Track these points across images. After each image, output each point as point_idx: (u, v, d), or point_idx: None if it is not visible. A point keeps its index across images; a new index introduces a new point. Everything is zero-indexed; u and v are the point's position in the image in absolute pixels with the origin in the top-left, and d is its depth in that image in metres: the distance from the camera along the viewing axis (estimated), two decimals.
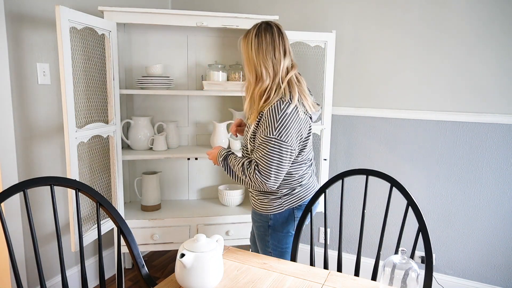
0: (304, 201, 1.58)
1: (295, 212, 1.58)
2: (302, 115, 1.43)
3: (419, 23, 2.18)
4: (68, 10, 1.68)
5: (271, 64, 1.41)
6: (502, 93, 2.06)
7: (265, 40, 1.40)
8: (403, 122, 2.29)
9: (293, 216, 1.58)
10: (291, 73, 1.44)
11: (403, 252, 1.04)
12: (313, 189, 1.62)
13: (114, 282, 2.45)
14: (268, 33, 1.41)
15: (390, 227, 2.36)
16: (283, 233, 1.58)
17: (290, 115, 1.38)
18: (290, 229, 1.59)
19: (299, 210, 1.59)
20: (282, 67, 1.42)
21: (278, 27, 1.45)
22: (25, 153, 1.93)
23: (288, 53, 1.45)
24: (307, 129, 1.47)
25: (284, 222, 1.57)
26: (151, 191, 2.42)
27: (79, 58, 1.99)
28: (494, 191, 2.14)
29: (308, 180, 1.59)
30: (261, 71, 1.41)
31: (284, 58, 1.43)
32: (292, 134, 1.38)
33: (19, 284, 1.12)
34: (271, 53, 1.40)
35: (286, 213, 1.56)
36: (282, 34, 1.44)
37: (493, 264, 2.19)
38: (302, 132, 1.44)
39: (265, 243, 1.62)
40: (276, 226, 1.57)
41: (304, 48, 2.34)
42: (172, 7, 2.81)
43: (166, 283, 1.18)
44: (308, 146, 1.53)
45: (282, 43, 1.43)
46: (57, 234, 1.24)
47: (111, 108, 2.06)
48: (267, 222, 1.58)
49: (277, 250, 1.61)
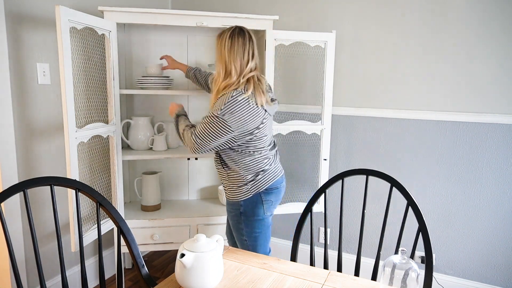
0: (269, 184, 1.72)
1: (263, 196, 1.72)
2: (254, 105, 1.58)
3: (419, 23, 2.18)
4: (68, 10, 1.68)
5: (239, 64, 1.62)
6: (502, 93, 2.06)
7: (237, 43, 1.61)
8: (403, 122, 2.29)
9: (261, 200, 1.72)
10: (253, 73, 1.64)
11: (403, 252, 1.04)
12: (277, 173, 1.76)
13: (114, 282, 2.45)
14: (241, 37, 1.63)
15: (390, 227, 2.36)
16: (255, 218, 1.73)
17: (239, 102, 1.55)
18: (261, 213, 1.74)
19: (267, 194, 1.73)
20: (248, 67, 1.63)
21: (249, 33, 1.66)
22: (25, 153, 1.93)
23: (255, 57, 1.66)
24: (260, 118, 1.62)
25: (254, 207, 1.72)
26: (151, 191, 2.42)
27: (79, 58, 1.99)
28: (494, 191, 2.14)
29: (271, 165, 1.73)
30: (230, 68, 1.62)
31: (251, 60, 1.64)
32: (236, 118, 1.55)
33: (19, 284, 1.12)
34: (241, 54, 1.62)
35: (255, 198, 1.71)
36: (252, 40, 1.65)
37: (493, 264, 2.20)
38: (252, 120, 1.59)
39: (240, 232, 1.78)
40: (247, 212, 1.73)
41: (304, 48, 2.34)
42: (172, 7, 2.81)
43: (166, 283, 1.18)
44: (265, 134, 1.68)
45: (251, 48, 1.64)
46: (57, 234, 1.24)
47: (111, 108, 2.06)
48: (239, 209, 1.74)
49: (251, 236, 1.76)
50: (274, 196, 1.76)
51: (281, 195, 1.80)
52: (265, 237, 1.80)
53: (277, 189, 1.76)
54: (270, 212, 1.78)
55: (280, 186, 1.78)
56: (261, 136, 1.66)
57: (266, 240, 1.81)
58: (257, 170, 1.70)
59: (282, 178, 1.80)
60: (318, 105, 2.36)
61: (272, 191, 1.74)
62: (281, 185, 1.78)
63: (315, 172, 2.49)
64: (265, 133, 1.68)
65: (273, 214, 1.82)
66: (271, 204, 1.76)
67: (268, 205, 1.75)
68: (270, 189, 1.73)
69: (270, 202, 1.75)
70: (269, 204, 1.75)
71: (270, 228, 1.83)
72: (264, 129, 1.67)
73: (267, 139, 1.71)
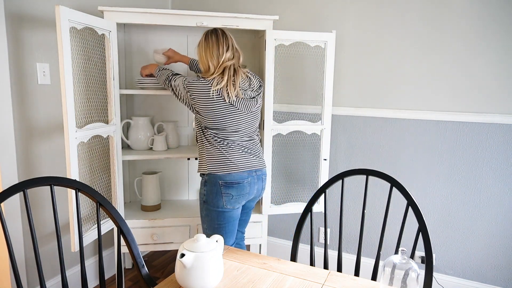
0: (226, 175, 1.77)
1: (222, 188, 1.77)
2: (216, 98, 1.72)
3: (419, 23, 2.18)
4: (68, 10, 1.68)
5: (215, 57, 1.77)
6: (502, 93, 2.06)
7: (211, 41, 1.79)
8: (403, 122, 2.29)
9: (221, 192, 1.78)
10: (230, 62, 1.78)
11: (403, 252, 1.04)
12: (241, 167, 1.79)
13: (114, 282, 2.45)
14: (214, 35, 1.80)
15: (390, 227, 2.36)
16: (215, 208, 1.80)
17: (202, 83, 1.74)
18: (220, 205, 1.79)
19: (226, 187, 1.77)
20: (224, 57, 1.78)
21: (222, 30, 1.82)
22: (25, 153, 1.93)
23: (231, 48, 1.80)
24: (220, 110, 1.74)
25: (214, 197, 1.79)
26: (151, 191, 2.42)
27: (79, 58, 1.99)
28: (494, 191, 2.14)
29: (233, 156, 1.79)
30: (208, 64, 1.78)
31: (227, 51, 1.78)
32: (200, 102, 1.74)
33: (19, 284, 1.12)
34: (216, 50, 1.78)
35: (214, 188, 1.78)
36: (226, 35, 1.81)
37: (493, 264, 2.20)
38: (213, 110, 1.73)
39: (202, 219, 1.89)
40: (208, 201, 1.81)
41: (304, 48, 2.34)
42: (172, 7, 2.81)
43: (166, 283, 1.18)
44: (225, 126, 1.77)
45: (226, 42, 1.79)
46: (57, 234, 1.24)
47: (111, 108, 2.06)
48: (203, 198, 1.84)
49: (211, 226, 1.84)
50: (235, 190, 1.78)
51: (245, 191, 1.81)
52: (225, 231, 1.83)
53: (238, 184, 1.78)
54: (232, 206, 1.80)
55: (244, 182, 1.79)
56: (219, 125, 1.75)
57: (226, 233, 1.84)
58: (216, 154, 1.78)
59: (250, 175, 1.82)
60: (318, 105, 2.36)
61: (233, 185, 1.78)
62: (244, 181, 1.80)
63: (315, 172, 2.49)
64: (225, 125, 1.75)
65: (237, 208, 1.84)
66: (232, 198, 1.78)
67: (228, 198, 1.78)
68: (230, 183, 1.77)
69: (230, 195, 1.78)
70: (229, 198, 1.78)
71: (233, 222, 1.85)
72: (225, 121, 1.75)
73: (230, 132, 1.77)
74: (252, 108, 1.82)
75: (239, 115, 1.78)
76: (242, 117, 1.79)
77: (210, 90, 1.71)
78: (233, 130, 1.79)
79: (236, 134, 1.80)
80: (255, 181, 1.85)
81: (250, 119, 1.82)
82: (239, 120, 1.78)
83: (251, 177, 1.83)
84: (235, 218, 1.86)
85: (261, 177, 1.88)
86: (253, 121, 1.85)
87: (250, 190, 1.84)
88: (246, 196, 1.84)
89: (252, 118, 1.83)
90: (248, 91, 1.81)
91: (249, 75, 1.86)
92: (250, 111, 1.81)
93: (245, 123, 1.81)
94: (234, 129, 1.79)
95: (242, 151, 1.81)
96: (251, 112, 1.82)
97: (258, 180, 1.87)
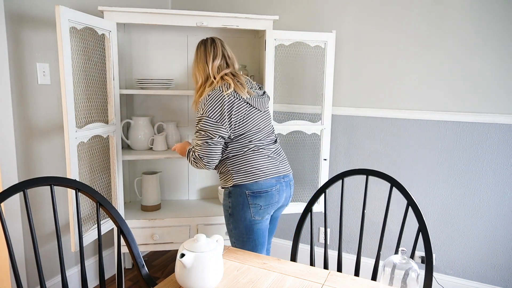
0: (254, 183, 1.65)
1: (249, 199, 1.65)
2: (232, 98, 1.64)
3: (419, 23, 2.18)
4: (68, 10, 1.68)
5: (202, 68, 1.74)
6: (502, 93, 2.06)
7: (199, 52, 1.77)
8: (403, 122, 2.29)
9: (248, 202, 1.66)
10: (224, 71, 1.73)
11: (403, 252, 1.04)
12: (268, 174, 1.67)
13: (114, 282, 2.45)
14: (202, 45, 1.77)
15: (390, 227, 2.36)
16: (242, 221, 1.68)
17: (215, 98, 1.63)
18: (248, 217, 1.67)
19: (254, 197, 1.65)
20: (211, 67, 1.73)
21: (212, 39, 1.78)
22: (25, 153, 1.93)
23: (219, 57, 1.74)
24: (237, 108, 1.65)
25: (241, 209, 1.67)
26: (151, 191, 2.42)
27: (79, 58, 2.00)
28: (494, 191, 2.14)
29: (258, 162, 1.67)
30: (197, 76, 1.77)
31: (214, 61, 1.73)
32: (215, 111, 1.61)
33: (19, 284, 1.12)
34: (203, 60, 1.74)
35: (241, 199, 1.66)
36: (214, 43, 1.76)
37: (493, 264, 2.20)
38: (229, 110, 1.63)
39: (230, 233, 1.77)
40: (234, 214, 1.69)
41: (304, 48, 2.35)
42: (172, 7, 2.81)
43: (166, 283, 1.18)
44: (249, 128, 1.68)
45: (214, 50, 1.75)
46: (57, 234, 1.24)
47: (111, 108, 2.06)
48: (228, 211, 1.72)
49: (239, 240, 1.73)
50: (264, 200, 1.66)
51: (273, 200, 1.69)
52: (256, 244, 1.72)
53: (266, 192, 1.65)
54: (260, 217, 1.68)
55: (272, 190, 1.67)
56: (242, 129, 1.66)
57: (256, 247, 1.72)
58: (242, 163, 1.67)
59: (278, 182, 1.70)
60: (318, 105, 2.36)
61: (261, 194, 1.65)
62: (273, 189, 1.67)
63: (315, 172, 2.49)
64: (248, 126, 1.67)
65: (266, 219, 1.72)
66: (260, 209, 1.66)
67: (256, 209, 1.66)
68: (258, 192, 1.65)
69: (258, 206, 1.66)
70: (257, 208, 1.66)
71: (262, 234, 1.73)
72: (247, 122, 1.67)
73: (253, 133, 1.69)
74: (265, 105, 1.78)
75: (257, 114, 1.71)
76: (259, 115, 1.73)
77: (223, 95, 1.62)
78: (255, 131, 1.69)
79: (258, 135, 1.70)
80: (283, 188, 1.72)
81: (266, 117, 1.77)
82: (258, 119, 1.71)
83: (279, 184, 1.69)
84: (264, 229, 1.73)
85: (289, 183, 1.76)
86: (268, 119, 1.79)
87: (279, 198, 1.71)
88: (275, 205, 1.71)
89: (267, 116, 1.79)
90: (254, 89, 1.77)
91: (248, 78, 1.83)
92: (265, 109, 1.77)
93: (263, 122, 1.74)
94: (256, 130, 1.70)
95: (267, 156, 1.70)
96: (265, 110, 1.78)
97: (287, 187, 1.74)
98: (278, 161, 1.74)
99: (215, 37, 1.81)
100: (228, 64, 1.77)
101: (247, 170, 1.66)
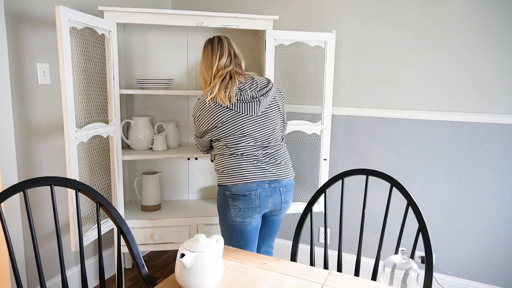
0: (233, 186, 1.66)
1: (230, 200, 1.69)
2: (212, 105, 1.67)
3: (419, 23, 2.18)
4: (68, 10, 1.68)
5: (210, 67, 1.74)
6: (502, 93, 2.06)
7: (206, 51, 1.76)
8: (403, 122, 2.29)
9: (228, 203, 1.69)
10: (227, 69, 1.72)
11: (403, 252, 1.04)
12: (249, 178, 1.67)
13: (114, 282, 2.45)
14: (209, 44, 1.76)
15: (390, 227, 2.36)
16: (225, 220, 1.74)
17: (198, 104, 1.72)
18: (229, 217, 1.71)
19: (233, 199, 1.67)
20: (219, 65, 1.72)
21: (219, 38, 1.77)
22: (25, 153, 1.93)
23: (226, 55, 1.74)
24: (216, 114, 1.67)
25: (223, 208, 1.72)
26: (151, 191, 2.42)
27: (79, 58, 1.99)
28: (494, 191, 2.14)
29: (239, 166, 1.68)
30: (204, 76, 1.78)
31: (219, 60, 1.72)
32: (200, 117, 1.72)
33: (19, 284, 1.12)
34: (211, 59, 1.74)
35: (224, 199, 1.70)
36: (221, 42, 1.75)
37: (493, 264, 2.20)
38: (209, 118, 1.68)
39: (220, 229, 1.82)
40: (220, 212, 1.76)
41: (304, 48, 2.35)
42: (172, 7, 2.81)
43: (166, 283, 1.18)
44: (231, 133, 1.68)
45: (220, 49, 1.74)
46: (57, 234, 1.24)
47: (111, 108, 2.06)
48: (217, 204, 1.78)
49: (225, 237, 1.77)
50: (242, 203, 1.65)
51: (253, 204, 1.66)
52: (240, 244, 1.72)
53: (244, 196, 1.64)
54: (241, 219, 1.68)
55: (250, 194, 1.65)
56: (223, 134, 1.69)
57: (241, 247, 1.72)
58: (225, 164, 1.71)
59: (260, 187, 1.66)
60: (318, 105, 2.36)
61: (239, 197, 1.65)
62: (252, 193, 1.65)
63: (315, 172, 2.49)
64: (230, 132, 1.67)
65: (248, 222, 1.70)
66: (239, 211, 1.66)
67: (236, 211, 1.67)
68: (236, 195, 1.66)
69: (237, 208, 1.66)
70: (236, 210, 1.66)
71: (246, 235, 1.72)
72: (228, 128, 1.67)
73: (236, 138, 1.68)
74: (256, 109, 1.67)
75: (242, 118, 1.66)
76: (246, 120, 1.66)
77: (206, 101, 1.68)
78: (240, 136, 1.67)
79: (244, 140, 1.67)
80: (268, 194, 1.68)
81: (259, 122, 1.68)
82: (243, 124, 1.66)
83: (261, 189, 1.66)
84: (249, 231, 1.72)
85: (278, 189, 1.70)
86: (264, 124, 1.69)
87: (261, 203, 1.68)
88: (256, 210, 1.68)
89: (261, 121, 1.69)
90: (248, 92, 1.68)
91: (254, 77, 1.75)
92: (256, 113, 1.68)
93: (253, 127, 1.67)
94: (240, 134, 1.67)
95: (253, 160, 1.68)
96: (259, 115, 1.68)
97: (275, 192, 1.70)
98: (268, 166, 1.69)
99: (222, 35, 1.80)
100: (234, 63, 1.76)
101: (228, 172, 1.69)
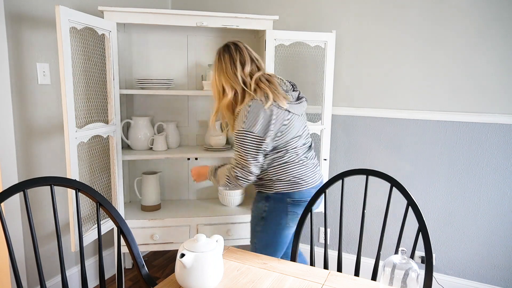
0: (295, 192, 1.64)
1: (289, 207, 1.66)
2: (275, 109, 1.56)
3: (419, 23, 2.18)
4: (68, 10, 1.68)
5: (233, 77, 1.60)
6: (502, 93, 2.06)
7: (224, 61, 1.62)
8: (403, 122, 2.29)
9: (286, 210, 1.66)
10: (256, 75, 1.61)
11: (403, 252, 1.04)
12: (309, 182, 1.67)
13: (114, 282, 2.45)
14: (227, 53, 1.63)
15: (390, 227, 2.36)
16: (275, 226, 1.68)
17: (257, 110, 1.54)
18: (283, 223, 1.67)
19: (294, 205, 1.65)
20: (242, 76, 1.60)
21: (235, 44, 1.65)
22: (25, 153, 1.93)
23: (248, 62, 1.63)
24: (281, 119, 1.58)
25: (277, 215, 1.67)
26: (151, 191, 2.42)
27: (79, 58, 2.00)
28: (494, 191, 2.14)
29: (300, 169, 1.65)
30: (224, 87, 1.62)
31: (244, 68, 1.61)
32: (258, 125, 1.53)
33: (19, 284, 1.12)
34: (232, 68, 1.61)
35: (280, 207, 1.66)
36: (240, 49, 1.64)
37: (493, 264, 2.20)
38: (275, 123, 1.56)
39: (254, 234, 1.75)
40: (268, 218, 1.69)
41: (304, 48, 2.34)
42: (172, 7, 2.81)
43: (166, 283, 1.18)
44: (291, 137, 1.62)
45: (241, 56, 1.62)
46: (57, 234, 1.24)
47: (111, 108, 2.06)
48: (261, 214, 1.70)
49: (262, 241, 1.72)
50: (301, 208, 1.65)
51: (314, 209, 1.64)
52: (277, 249, 1.71)
53: (306, 201, 1.62)
54: (294, 224, 1.67)
55: (309, 199, 1.62)
56: (285, 139, 1.61)
57: (276, 251, 1.72)
58: (285, 172, 1.64)
59: (316, 188, 1.66)
60: (318, 105, 2.36)
61: (300, 203, 1.64)
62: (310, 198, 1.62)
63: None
64: (289, 134, 1.62)
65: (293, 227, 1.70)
66: (297, 217, 1.66)
67: (293, 217, 1.66)
68: (298, 201, 1.64)
69: (295, 214, 1.66)
70: (294, 216, 1.66)
71: (288, 239, 1.73)
72: (289, 132, 1.61)
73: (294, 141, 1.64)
74: (302, 108, 1.68)
75: (296, 120, 1.64)
76: (298, 121, 1.65)
77: (265, 107, 1.53)
78: (296, 138, 1.64)
79: (298, 143, 1.65)
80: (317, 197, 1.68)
81: (303, 121, 1.70)
82: (297, 125, 1.64)
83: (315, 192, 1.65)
84: (291, 234, 1.73)
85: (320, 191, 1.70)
86: (305, 124, 1.72)
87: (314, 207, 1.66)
88: None
89: (302, 121, 1.70)
90: (289, 92, 1.67)
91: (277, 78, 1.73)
92: (302, 112, 1.69)
93: (301, 127, 1.68)
94: (296, 137, 1.64)
95: (306, 164, 1.67)
96: (302, 114, 1.70)
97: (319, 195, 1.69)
98: (317, 169, 1.74)
99: (236, 40, 1.69)
100: (259, 67, 1.66)
101: (290, 179, 1.64)
